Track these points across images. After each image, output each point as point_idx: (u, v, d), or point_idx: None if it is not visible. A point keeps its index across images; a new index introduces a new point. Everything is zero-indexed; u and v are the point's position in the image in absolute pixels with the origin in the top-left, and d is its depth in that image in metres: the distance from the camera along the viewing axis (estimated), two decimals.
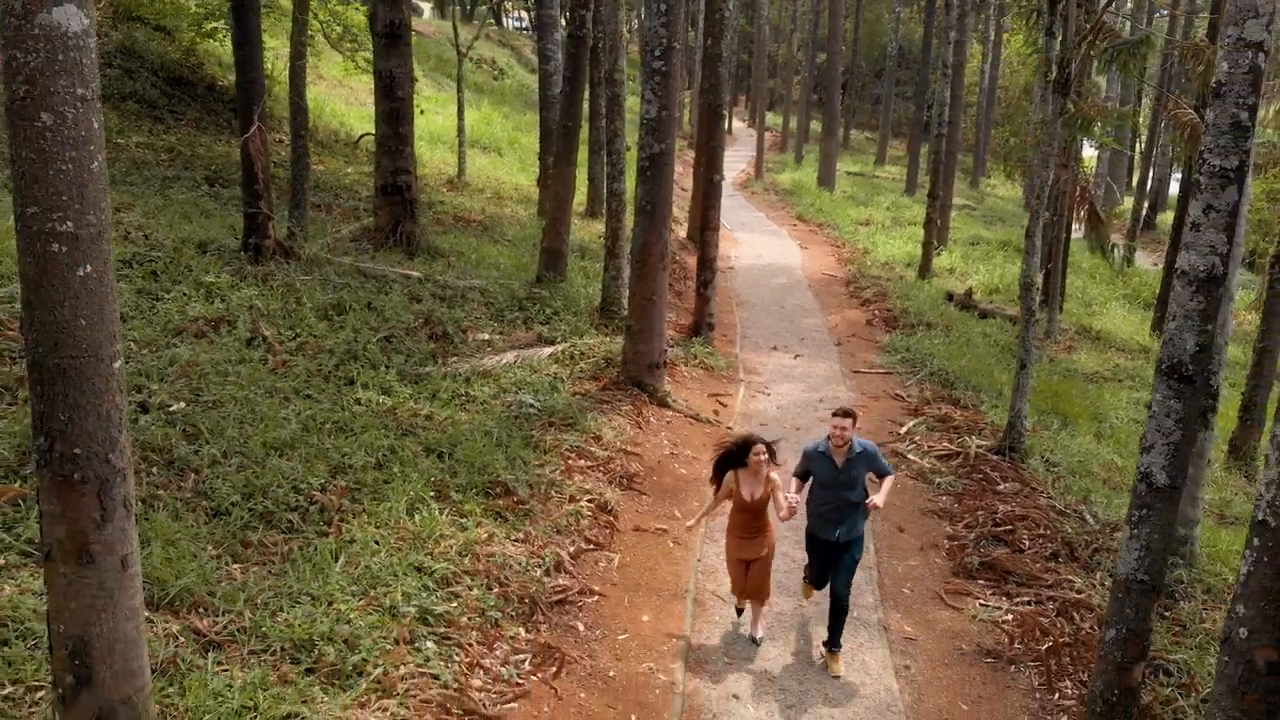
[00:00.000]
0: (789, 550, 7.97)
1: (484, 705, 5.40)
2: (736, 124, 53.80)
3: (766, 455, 6.46)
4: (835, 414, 6.55)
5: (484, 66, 40.44)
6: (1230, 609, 3.81)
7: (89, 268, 4.00)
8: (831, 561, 6.66)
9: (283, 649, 5.34)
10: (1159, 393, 5.59)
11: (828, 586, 6.76)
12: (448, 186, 20.56)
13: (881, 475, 6.68)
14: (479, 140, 25.77)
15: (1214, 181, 5.27)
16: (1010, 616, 7.42)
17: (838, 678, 6.50)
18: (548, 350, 11.33)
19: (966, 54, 20.60)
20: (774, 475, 6.59)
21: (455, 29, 21.18)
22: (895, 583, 7.98)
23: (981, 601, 7.71)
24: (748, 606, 7.01)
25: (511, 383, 10.12)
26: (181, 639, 5.23)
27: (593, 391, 10.63)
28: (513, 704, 5.57)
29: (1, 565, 5.51)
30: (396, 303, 11.14)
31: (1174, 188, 36.64)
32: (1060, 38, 10.12)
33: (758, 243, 23.66)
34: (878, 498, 6.44)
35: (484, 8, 48.59)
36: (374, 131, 13.83)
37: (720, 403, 11.96)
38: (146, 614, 4.80)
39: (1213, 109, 5.23)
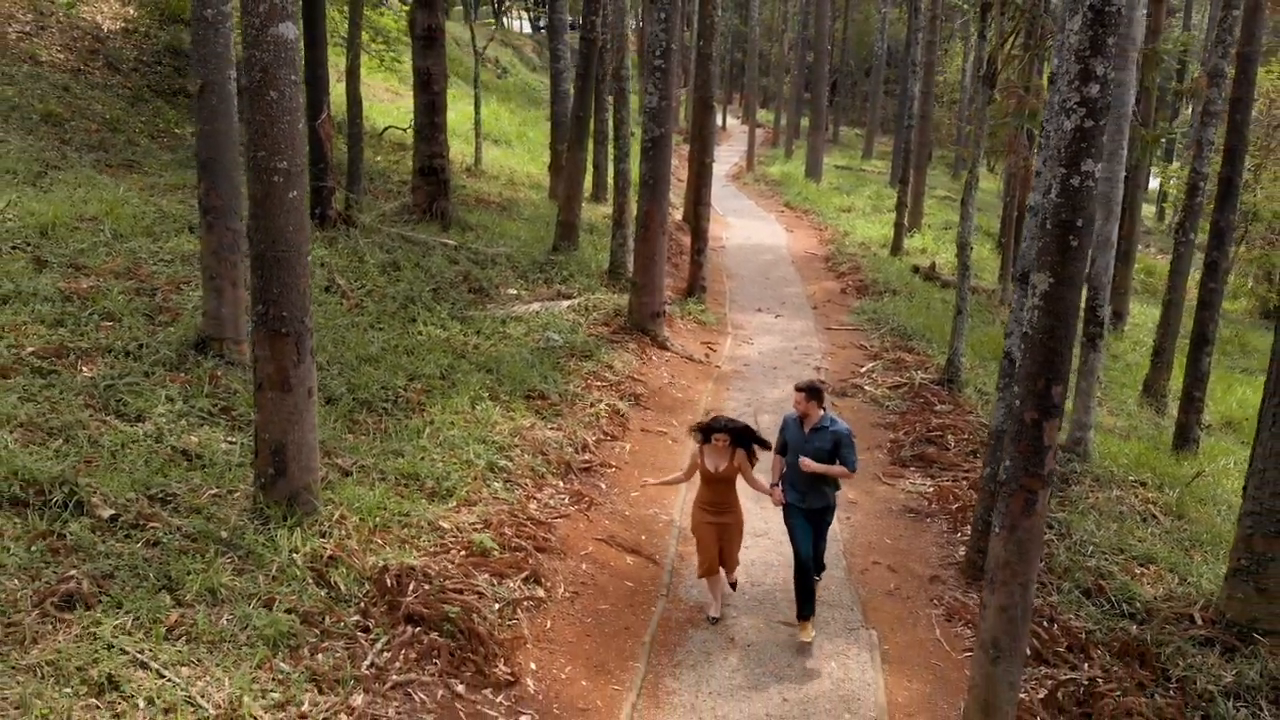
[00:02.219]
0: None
1: (538, 516, 7.58)
2: (730, 121, 56.03)
3: (727, 441, 6.73)
4: (796, 386, 6.90)
5: (489, 65, 42.62)
6: (1019, 390, 5.83)
7: (295, 192, 6.18)
8: (806, 525, 6.84)
9: (396, 478, 7.51)
10: (1017, 293, 7.74)
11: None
12: (466, 174, 22.70)
13: (843, 462, 6.74)
14: (490, 133, 27.90)
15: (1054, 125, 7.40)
16: (931, 488, 9.63)
17: (807, 643, 6.73)
18: (566, 303, 13.51)
19: (936, 54, 22.69)
20: (742, 451, 6.84)
21: (473, 34, 23.36)
22: None
23: (910, 481, 9.91)
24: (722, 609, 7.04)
25: (538, 325, 12.30)
26: (325, 470, 7.38)
27: (604, 334, 12.81)
28: (558, 520, 7.76)
29: (195, 425, 7.67)
30: (439, 264, 13.31)
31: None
32: (989, 39, 12.32)
33: (747, 226, 25.84)
34: (813, 463, 6.59)
35: (485, 8, 50.71)
36: (413, 121, 15.96)
37: (711, 348, 14.16)
38: None
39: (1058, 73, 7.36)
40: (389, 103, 25.86)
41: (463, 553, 6.71)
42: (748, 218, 27.44)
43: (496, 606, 6.27)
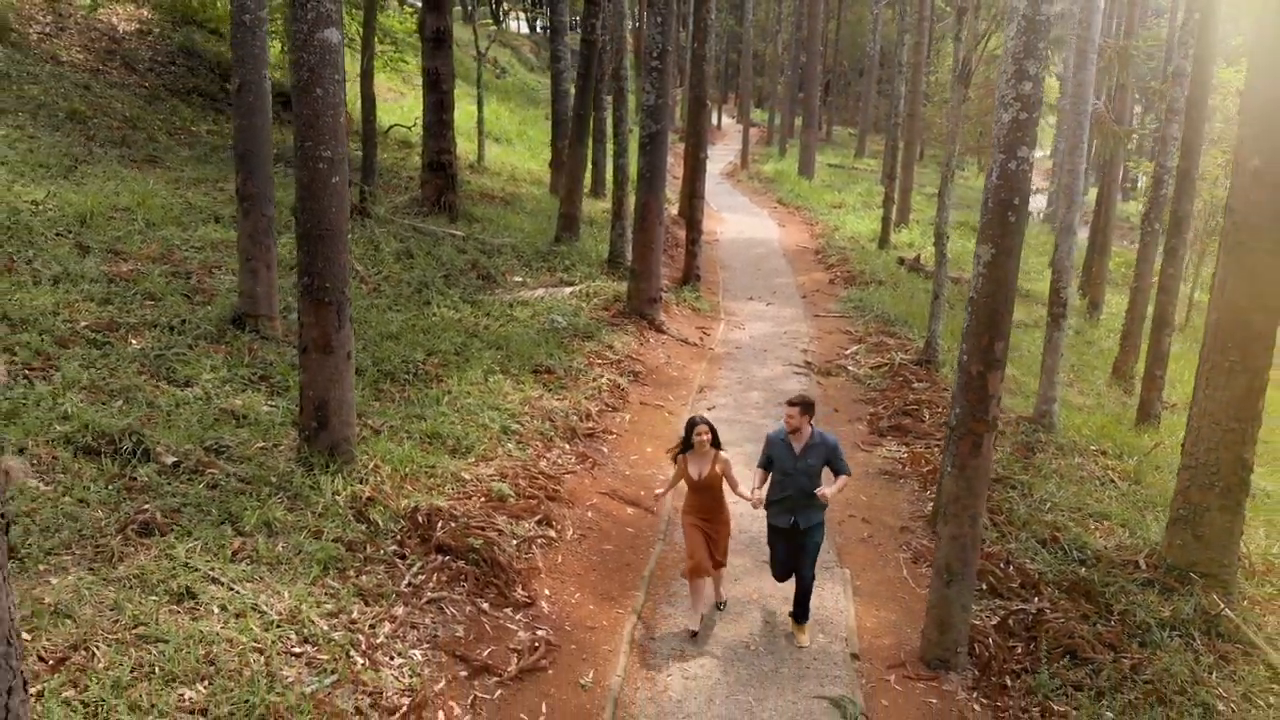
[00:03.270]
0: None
1: (548, 472, 8.42)
2: (726, 120, 56.89)
3: (709, 435, 6.73)
4: (788, 401, 6.69)
5: (489, 65, 43.43)
6: (965, 347, 6.64)
7: (337, 178, 7.01)
8: (791, 550, 6.78)
9: (421, 438, 8.34)
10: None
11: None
12: (470, 170, 23.52)
13: (838, 473, 6.71)
14: (491, 131, 28.73)
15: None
16: (905, 454, 10.48)
17: (803, 647, 6.70)
18: (568, 289, 14.35)
19: (924, 55, 23.55)
20: (724, 455, 6.80)
21: (475, 35, 24.14)
22: None
23: (886, 449, 10.76)
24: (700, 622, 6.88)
25: (543, 308, 13.14)
26: (358, 428, 8.21)
27: (605, 318, 13.65)
28: (566, 475, 8.61)
29: (238, 390, 8.50)
30: (449, 252, 14.15)
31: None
32: (965, 40, 13.18)
33: (741, 221, 26.70)
34: (829, 489, 6.54)
35: (484, 8, 51.47)
36: (421, 119, 16.78)
37: (705, 333, 15.01)
38: None
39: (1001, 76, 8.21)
40: (391, 102, 26.67)
41: (483, 499, 7.55)
42: (742, 213, 28.30)
43: (514, 542, 7.12)
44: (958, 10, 13.25)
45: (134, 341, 8.91)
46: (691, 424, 6.79)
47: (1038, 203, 34.76)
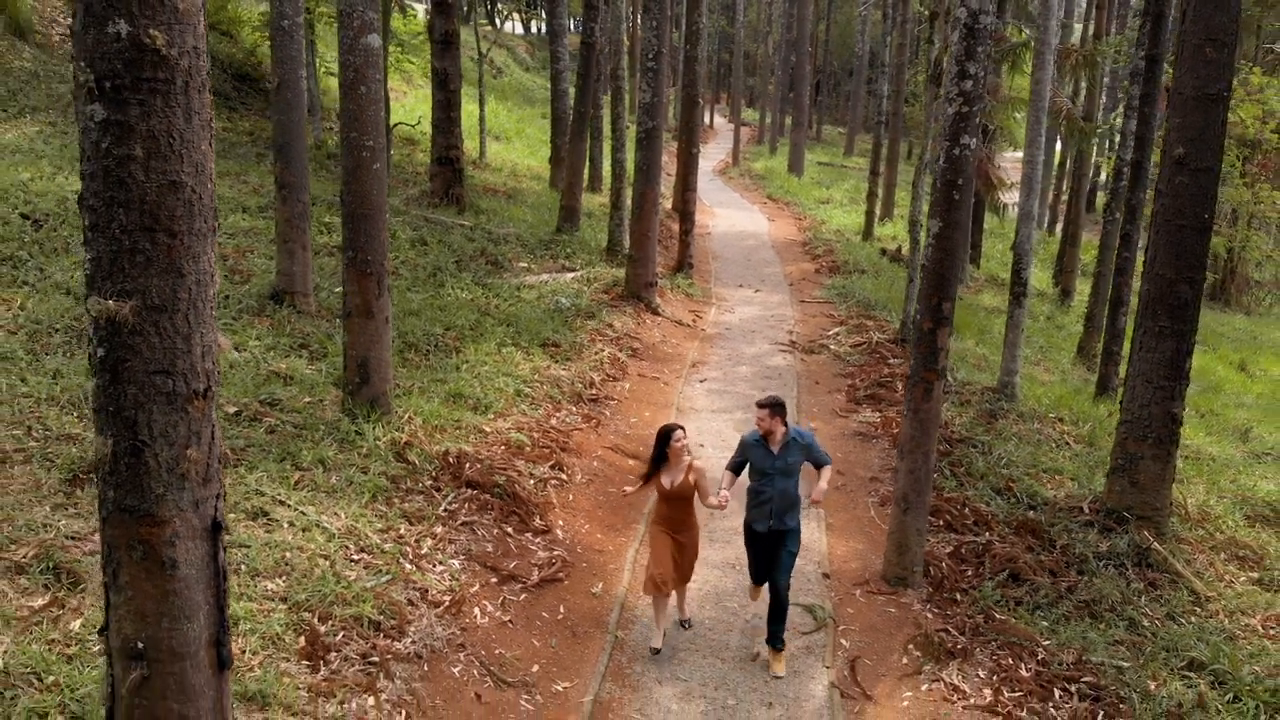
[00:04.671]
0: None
1: (558, 427, 9.49)
2: (718, 120, 58.01)
3: (685, 441, 6.47)
4: (758, 404, 6.51)
5: (487, 66, 44.48)
6: (918, 307, 7.71)
7: (378, 165, 8.07)
8: (769, 555, 6.55)
9: (444, 396, 9.40)
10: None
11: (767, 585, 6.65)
12: (472, 166, 24.56)
13: (819, 465, 6.57)
14: (491, 129, 29.80)
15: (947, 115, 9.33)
16: (878, 419, 11.57)
17: (779, 677, 6.39)
18: (570, 274, 15.42)
19: (906, 55, 24.66)
20: (697, 464, 6.53)
21: (478, 37, 25.18)
22: (809, 406, 12.12)
23: (862, 415, 11.85)
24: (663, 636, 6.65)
25: (548, 291, 14.20)
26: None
27: (605, 300, 14.72)
28: (573, 431, 9.68)
29: (282, 355, 9.55)
30: (459, 240, 15.20)
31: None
32: (936, 44, 14.29)
33: (732, 216, 27.80)
34: (818, 490, 6.39)
35: (480, 9, 52.45)
36: (431, 116, 17.81)
37: (697, 315, 16.10)
38: None
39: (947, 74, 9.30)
40: (395, 101, 27.69)
41: (503, 447, 8.62)
42: (732, 208, 29.40)
43: (531, 481, 8.19)
44: (930, 15, 14.35)
45: None
46: (666, 432, 6.43)
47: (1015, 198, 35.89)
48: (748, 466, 6.58)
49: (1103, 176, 32.39)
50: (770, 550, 6.53)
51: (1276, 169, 23.68)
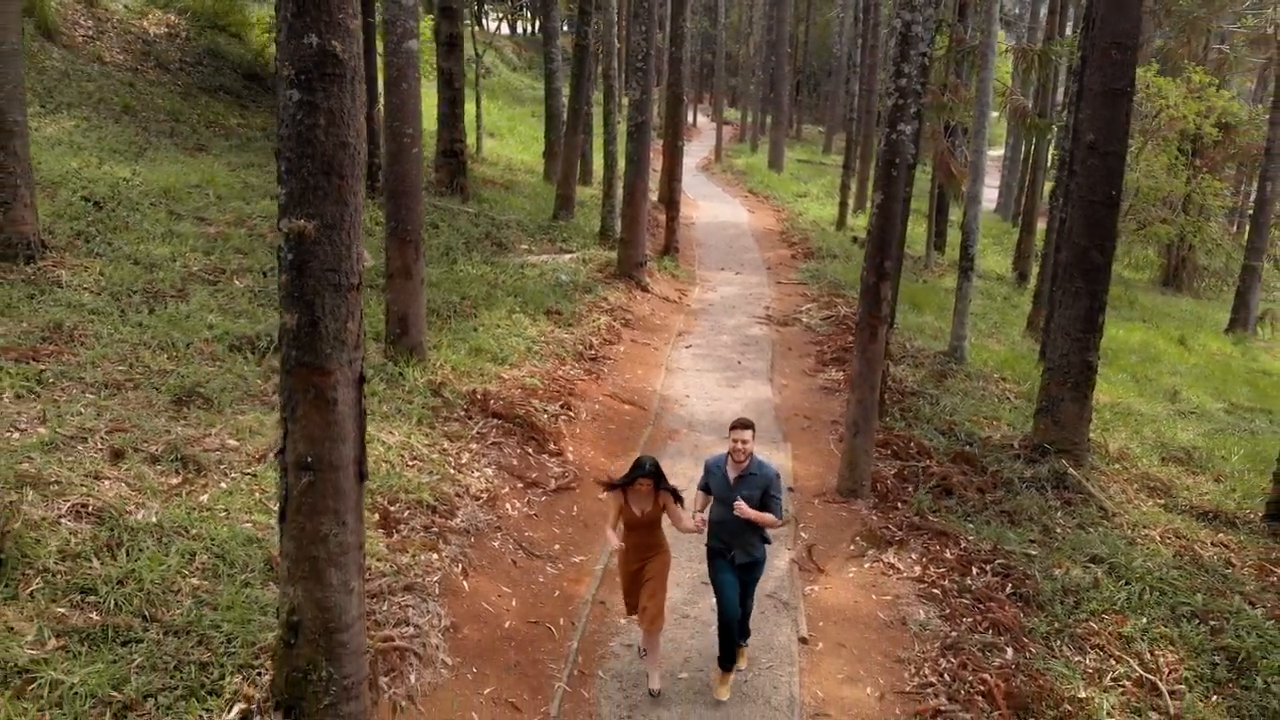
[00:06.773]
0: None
1: (565, 376, 11.07)
2: (701, 119, 59.67)
3: (650, 486, 6.01)
4: (733, 425, 6.17)
5: (472, 65, 45.90)
6: (864, 265, 9.31)
7: (416, 149, 9.60)
8: (732, 579, 6.17)
9: (467, 350, 10.93)
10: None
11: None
12: (470, 160, 26.07)
13: (772, 510, 6.07)
14: (485, 126, 31.31)
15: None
16: (842, 376, 13.19)
17: (721, 702, 6.12)
18: (567, 256, 16.98)
19: (877, 56, 26.29)
20: (665, 491, 6.11)
21: (474, 39, 26.65)
22: (781, 367, 13.73)
23: (827, 374, 13.47)
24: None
25: (549, 269, 15.76)
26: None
27: (600, 278, 16.28)
28: (578, 381, 11.25)
29: None
30: (466, 225, 16.72)
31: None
32: None
33: (714, 208, 29.43)
34: (746, 507, 5.95)
35: (468, 10, 53.81)
36: (435, 112, 19.29)
37: (683, 293, 17.70)
38: None
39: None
40: None
41: (520, 389, 10.18)
42: (715, 201, 31.02)
43: (545, 416, 9.76)
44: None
45: (237, 282, 11.43)
46: (639, 467, 6.02)
47: (989, 194, 37.71)
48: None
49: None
50: (733, 574, 6.19)
51: (1217, 161, 25.57)
